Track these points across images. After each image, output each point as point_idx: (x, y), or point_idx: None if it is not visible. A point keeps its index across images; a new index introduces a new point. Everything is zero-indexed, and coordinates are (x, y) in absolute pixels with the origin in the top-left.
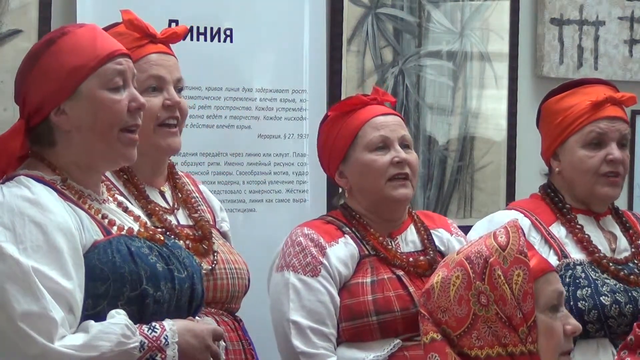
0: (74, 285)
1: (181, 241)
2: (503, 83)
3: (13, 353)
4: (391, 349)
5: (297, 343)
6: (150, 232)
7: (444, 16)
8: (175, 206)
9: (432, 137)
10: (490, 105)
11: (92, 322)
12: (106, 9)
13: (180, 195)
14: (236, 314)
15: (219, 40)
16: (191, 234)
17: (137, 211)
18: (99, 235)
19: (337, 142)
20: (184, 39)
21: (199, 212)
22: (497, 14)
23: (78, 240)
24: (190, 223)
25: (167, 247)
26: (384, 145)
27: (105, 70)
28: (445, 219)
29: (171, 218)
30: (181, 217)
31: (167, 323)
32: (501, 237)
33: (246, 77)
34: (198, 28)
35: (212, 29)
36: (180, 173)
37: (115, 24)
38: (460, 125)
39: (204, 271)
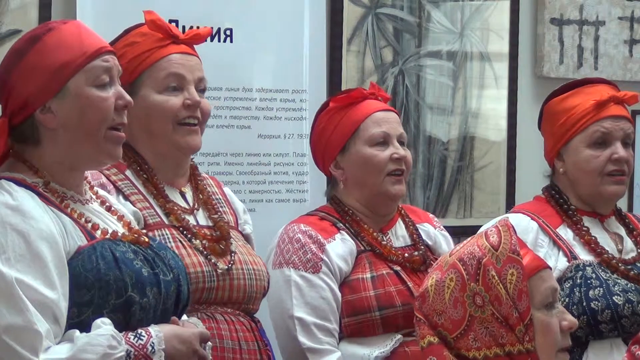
0: (58, 294)
1: (198, 240)
2: (503, 83)
3: None
4: (393, 344)
5: (303, 339)
6: (135, 235)
7: (444, 16)
8: (195, 207)
9: (432, 137)
10: (490, 105)
11: (77, 332)
12: (106, 9)
13: (201, 197)
14: (254, 315)
15: (219, 40)
16: (209, 234)
17: (122, 210)
18: (82, 241)
19: (336, 133)
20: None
21: (218, 214)
22: (497, 14)
23: (62, 247)
24: (210, 224)
25: (152, 249)
26: (384, 141)
27: (92, 67)
28: (427, 213)
29: (190, 218)
30: (201, 218)
31: (154, 330)
32: (493, 237)
33: (246, 77)
34: (198, 28)
35: (212, 29)
36: (203, 174)
37: (139, 25)
38: (460, 125)
39: (219, 271)
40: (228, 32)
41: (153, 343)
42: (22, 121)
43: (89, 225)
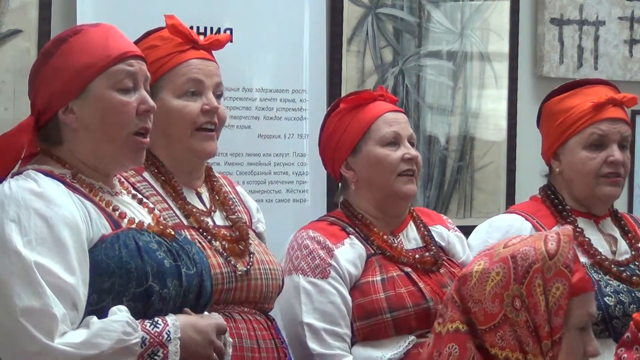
0: (78, 280)
1: (218, 242)
2: (503, 83)
3: (13, 349)
4: (406, 346)
5: (313, 345)
6: (161, 227)
7: (444, 16)
8: (212, 208)
9: (432, 137)
10: (490, 105)
11: (94, 318)
12: (106, 9)
13: (217, 198)
14: (269, 314)
15: None
16: (228, 234)
17: (151, 204)
18: (107, 229)
19: (347, 134)
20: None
21: (236, 214)
22: (497, 14)
23: (84, 234)
24: (228, 224)
25: (177, 243)
26: (395, 141)
27: (115, 70)
28: (440, 215)
29: (208, 219)
30: (218, 219)
31: (170, 318)
32: (551, 244)
33: (246, 77)
34: (198, 28)
35: (212, 29)
36: (217, 175)
37: (159, 29)
38: (460, 125)
39: (239, 272)
40: (228, 32)
41: (169, 331)
42: (47, 121)
43: (116, 213)
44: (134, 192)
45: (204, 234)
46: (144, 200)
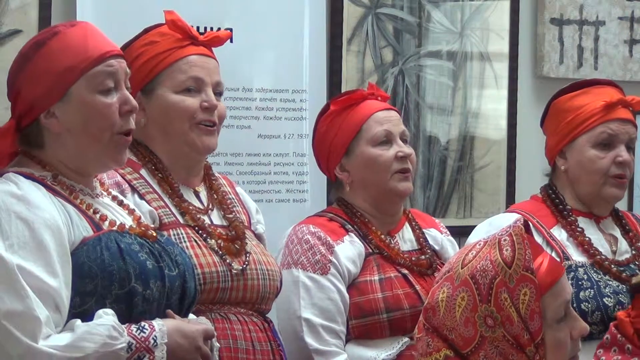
0: (60, 282)
1: (213, 240)
2: (503, 83)
3: None
4: (400, 347)
5: (310, 340)
6: (143, 228)
7: (444, 16)
8: (210, 206)
9: (432, 137)
10: (490, 105)
11: (78, 321)
12: (106, 9)
13: (215, 197)
14: (266, 315)
15: None
16: (224, 233)
17: (132, 205)
18: (88, 232)
19: (339, 135)
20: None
21: (233, 213)
22: (497, 14)
23: (65, 236)
24: (225, 224)
25: (159, 244)
26: (387, 139)
27: (95, 72)
28: (433, 219)
29: (204, 218)
30: (215, 218)
31: (157, 323)
32: (506, 250)
33: (246, 77)
34: (198, 28)
35: (212, 29)
36: (217, 174)
37: (159, 25)
38: (460, 125)
39: (234, 271)
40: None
41: (156, 337)
42: (28, 125)
43: (97, 216)
44: (114, 193)
45: (200, 232)
46: (124, 202)
